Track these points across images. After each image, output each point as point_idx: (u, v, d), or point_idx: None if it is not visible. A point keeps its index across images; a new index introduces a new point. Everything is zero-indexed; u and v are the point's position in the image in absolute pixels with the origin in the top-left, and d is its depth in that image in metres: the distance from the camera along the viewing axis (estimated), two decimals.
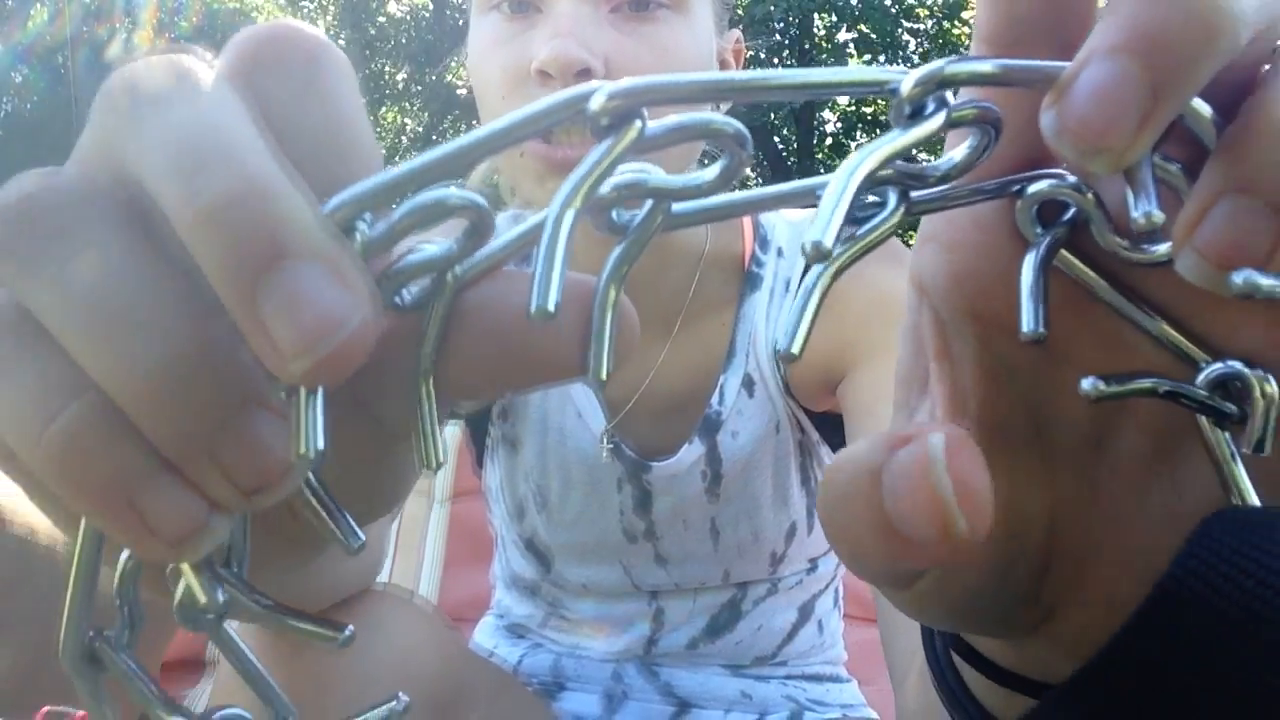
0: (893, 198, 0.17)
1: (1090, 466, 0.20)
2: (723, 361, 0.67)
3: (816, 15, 6.64)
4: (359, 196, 0.15)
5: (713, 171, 0.17)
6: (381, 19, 7.01)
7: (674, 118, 0.16)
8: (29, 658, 1.16)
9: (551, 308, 0.15)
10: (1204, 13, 0.14)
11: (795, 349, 0.16)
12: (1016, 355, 0.19)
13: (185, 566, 0.16)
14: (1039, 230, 0.17)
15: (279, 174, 0.14)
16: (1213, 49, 0.14)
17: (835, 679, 0.78)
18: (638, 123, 0.16)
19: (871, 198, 0.17)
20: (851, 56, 6.77)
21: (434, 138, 7.07)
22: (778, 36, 6.87)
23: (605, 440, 0.69)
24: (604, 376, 0.17)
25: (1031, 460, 0.20)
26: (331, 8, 7.17)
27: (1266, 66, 0.16)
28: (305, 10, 7.32)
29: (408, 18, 7.06)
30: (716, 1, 0.62)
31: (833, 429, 0.67)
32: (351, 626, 0.19)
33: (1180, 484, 0.18)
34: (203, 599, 0.17)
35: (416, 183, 0.15)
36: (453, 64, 7.07)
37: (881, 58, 6.88)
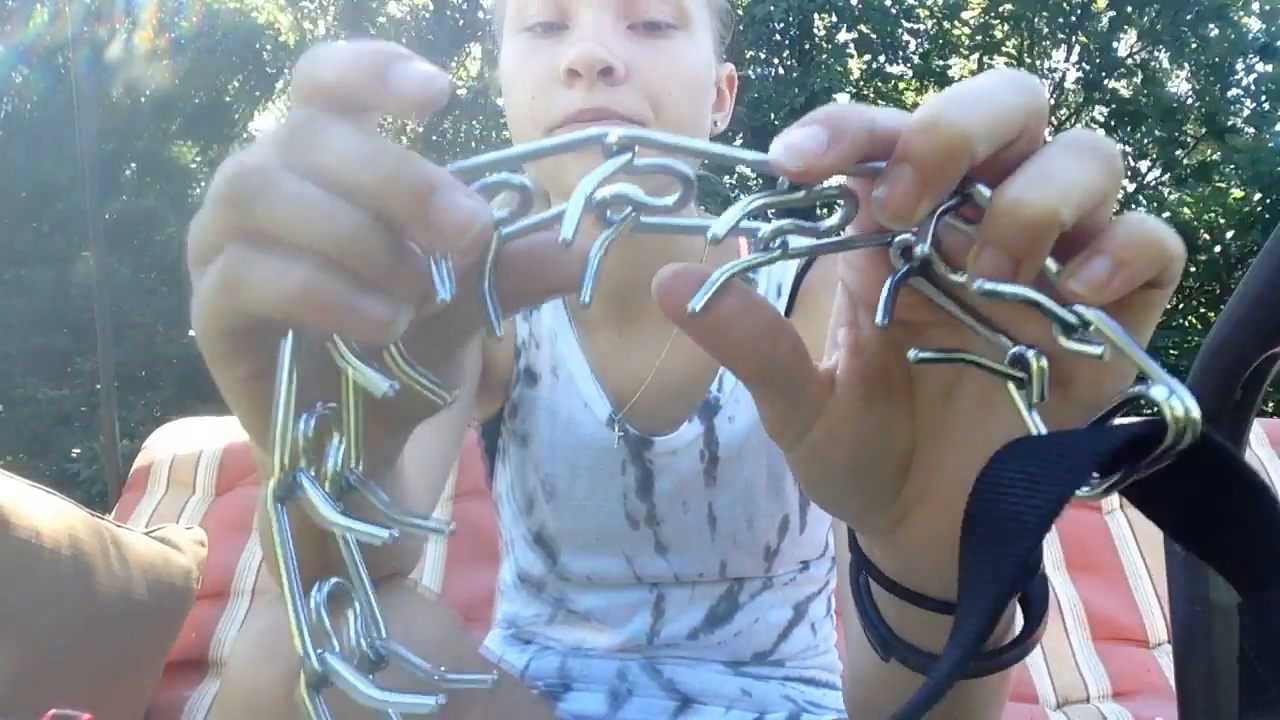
0: (785, 240, 0.28)
1: (942, 407, 0.31)
2: None
3: (816, 15, 6.64)
4: (460, 170, 0.26)
5: (672, 198, 0.28)
6: (381, 19, 7.01)
7: (652, 159, 0.27)
8: (33, 658, 1.15)
9: (570, 238, 0.25)
10: (946, 141, 0.24)
11: (697, 307, 0.26)
12: (897, 330, 0.30)
13: (347, 353, 0.26)
14: (901, 263, 0.28)
15: (413, 152, 0.25)
16: (953, 162, 0.24)
17: (831, 685, 0.80)
18: (629, 154, 0.26)
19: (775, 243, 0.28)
20: (851, 56, 6.77)
21: (434, 137, 7.07)
22: (778, 36, 6.87)
23: (616, 428, 0.73)
24: (588, 300, 0.27)
25: (903, 397, 0.32)
26: (331, 8, 7.17)
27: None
28: (305, 10, 7.32)
29: (408, 18, 7.06)
30: (715, 34, 0.69)
31: None
32: (452, 524, 0.30)
33: (1001, 425, 0.28)
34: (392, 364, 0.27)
35: (490, 168, 0.26)
36: (452, 64, 7.07)
37: (881, 58, 6.89)
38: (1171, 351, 5.30)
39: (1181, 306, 6.10)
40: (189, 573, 1.25)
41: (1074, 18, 6.58)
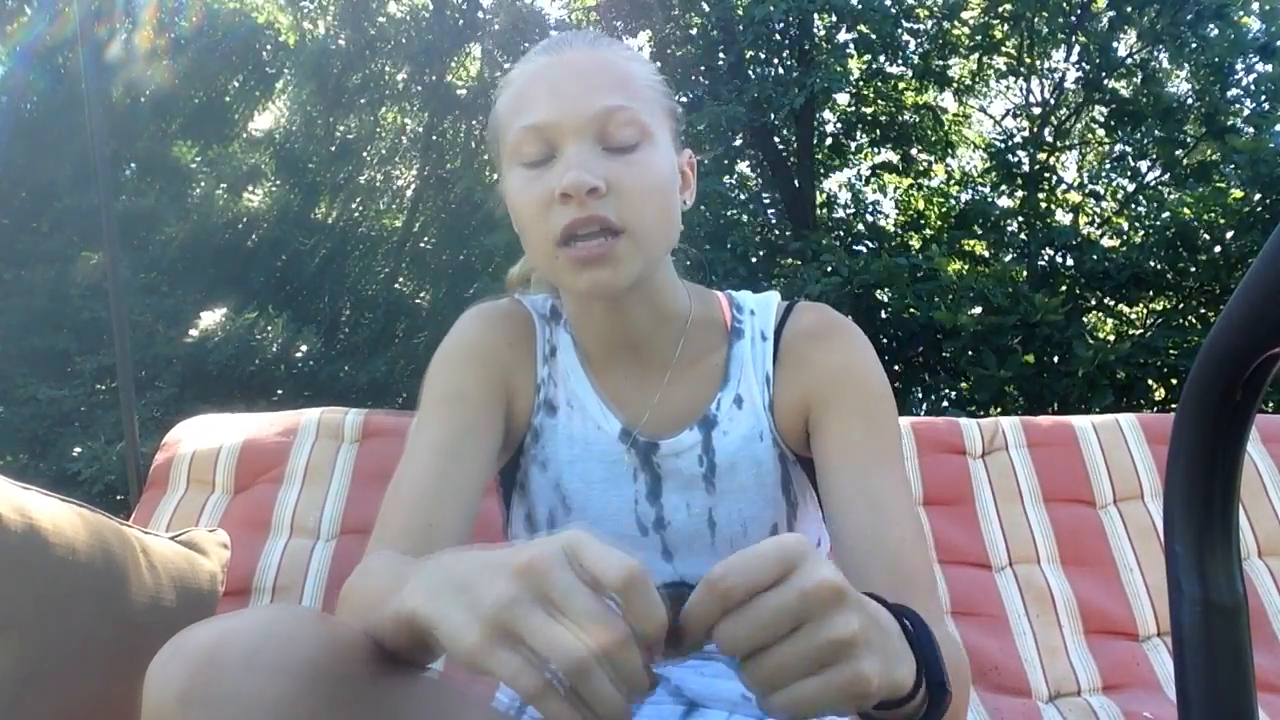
0: None
1: None
2: (719, 386, 0.88)
3: (816, 15, 6.63)
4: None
5: None
6: (381, 19, 7.00)
7: None
8: (67, 669, 1.15)
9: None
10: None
11: None
12: None
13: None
14: None
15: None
16: None
17: None
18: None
19: None
20: (851, 57, 6.76)
21: (434, 137, 7.06)
22: (777, 36, 6.87)
23: (626, 440, 0.86)
24: None
25: None
26: (331, 8, 7.16)
27: None
28: (305, 10, 7.31)
29: (408, 18, 7.05)
30: (672, 134, 0.83)
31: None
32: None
33: None
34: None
35: None
36: (452, 64, 7.07)
37: (881, 57, 6.88)
38: (1171, 352, 5.30)
39: (1181, 306, 6.10)
40: (214, 576, 1.26)
41: (1074, 18, 6.58)
